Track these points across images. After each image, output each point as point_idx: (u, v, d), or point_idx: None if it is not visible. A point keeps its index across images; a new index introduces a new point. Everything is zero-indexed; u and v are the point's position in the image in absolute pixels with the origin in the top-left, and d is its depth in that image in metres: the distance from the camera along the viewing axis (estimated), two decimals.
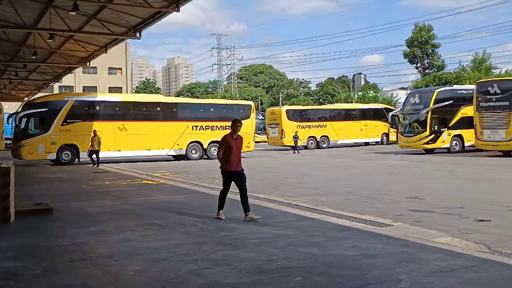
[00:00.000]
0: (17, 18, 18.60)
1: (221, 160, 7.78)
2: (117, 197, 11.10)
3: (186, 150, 24.79)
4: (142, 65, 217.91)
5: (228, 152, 7.73)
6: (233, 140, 7.82)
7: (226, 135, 7.93)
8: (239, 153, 7.89)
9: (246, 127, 25.37)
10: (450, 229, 7.06)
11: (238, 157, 7.84)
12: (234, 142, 7.81)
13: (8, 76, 34.53)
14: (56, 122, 21.99)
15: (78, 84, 63.32)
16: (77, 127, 22.28)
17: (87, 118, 22.82)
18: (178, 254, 5.62)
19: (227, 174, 7.83)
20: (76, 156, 22.28)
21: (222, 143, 7.83)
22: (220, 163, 7.82)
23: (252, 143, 26.60)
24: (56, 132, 21.91)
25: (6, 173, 7.86)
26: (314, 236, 6.50)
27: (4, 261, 5.47)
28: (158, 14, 17.63)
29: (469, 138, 25.47)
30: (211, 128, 25.38)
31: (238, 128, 7.87)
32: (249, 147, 25.57)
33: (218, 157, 7.84)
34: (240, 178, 7.77)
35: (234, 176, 7.79)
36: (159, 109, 25.01)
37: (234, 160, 7.76)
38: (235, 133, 7.87)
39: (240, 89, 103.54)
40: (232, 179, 7.82)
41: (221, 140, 7.89)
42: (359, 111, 39.70)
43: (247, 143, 25.28)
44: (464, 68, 56.72)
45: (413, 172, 16.97)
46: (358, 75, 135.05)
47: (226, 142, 7.77)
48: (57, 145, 21.78)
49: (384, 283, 4.50)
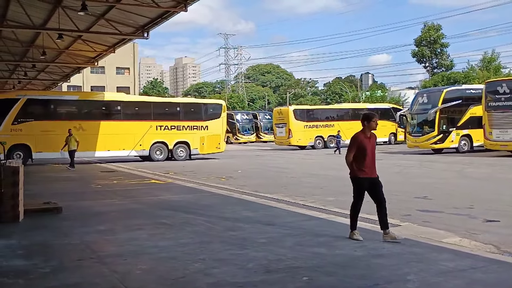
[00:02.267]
0: (26, 18, 18.75)
1: (351, 165, 6.29)
2: (125, 196, 11.15)
3: (150, 151, 23.56)
4: (149, 65, 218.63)
5: (361, 155, 6.19)
6: (366, 139, 6.25)
7: (357, 133, 6.33)
8: (374, 155, 6.32)
9: (216, 128, 24.97)
10: (458, 230, 7.02)
11: (373, 161, 6.29)
12: (368, 142, 6.25)
13: (17, 76, 34.82)
14: (6, 121, 20.74)
15: (86, 84, 63.62)
16: (29, 126, 21.04)
17: (40, 117, 21.62)
18: (185, 253, 5.63)
19: (360, 182, 6.25)
20: (29, 156, 20.92)
21: (352, 144, 6.26)
22: (350, 168, 6.34)
23: (223, 144, 25.57)
24: (6, 131, 20.43)
25: (15, 172, 7.92)
26: (322, 236, 6.49)
27: (14, 259, 5.51)
28: (166, 14, 17.68)
29: (478, 138, 25.30)
30: (177, 128, 24.26)
31: (373, 125, 6.26)
32: (219, 148, 25.03)
33: (348, 161, 6.32)
34: (377, 187, 6.23)
35: (369, 184, 6.23)
36: (120, 107, 23.86)
37: (369, 164, 6.21)
38: (369, 131, 6.28)
39: (247, 88, 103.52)
40: (365, 188, 6.26)
41: (351, 140, 6.33)
42: (366, 110, 39.55)
43: (217, 144, 24.87)
44: (473, 68, 56.45)
45: (421, 172, 16.90)
46: (366, 75, 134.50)
47: (358, 142, 6.22)
48: (7, 145, 19.37)
49: (392, 283, 4.49)
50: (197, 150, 24.49)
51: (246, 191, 11.42)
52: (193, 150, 24.34)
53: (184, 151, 24.22)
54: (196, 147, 24.41)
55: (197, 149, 24.46)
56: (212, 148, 24.86)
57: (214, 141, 24.85)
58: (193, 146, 24.31)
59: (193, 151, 24.34)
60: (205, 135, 24.59)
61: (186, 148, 24.26)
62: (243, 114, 52.91)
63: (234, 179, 14.97)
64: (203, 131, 24.65)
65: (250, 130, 50.77)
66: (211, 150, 24.93)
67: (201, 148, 24.56)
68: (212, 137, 24.73)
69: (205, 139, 24.55)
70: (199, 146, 24.44)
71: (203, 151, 24.73)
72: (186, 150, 24.25)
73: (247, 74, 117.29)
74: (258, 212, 8.46)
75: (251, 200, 10.00)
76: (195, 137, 24.38)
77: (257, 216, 8.08)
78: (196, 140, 24.39)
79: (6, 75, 35.35)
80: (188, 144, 24.25)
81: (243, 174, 16.97)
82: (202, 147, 24.55)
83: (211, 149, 24.89)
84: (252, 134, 50.71)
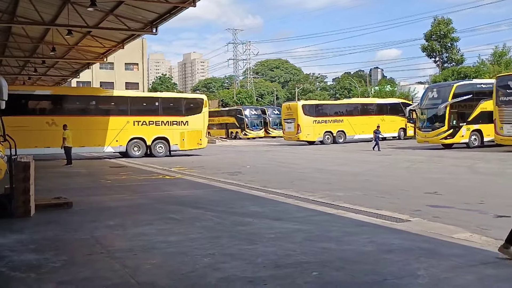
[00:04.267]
0: (35, 14, 18.86)
1: None
2: (134, 191, 11.21)
3: (127, 147, 23.03)
4: (158, 61, 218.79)
5: None
6: None
7: None
8: None
9: (197, 123, 24.30)
10: (469, 225, 6.96)
11: None
12: None
13: (27, 72, 35.12)
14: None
15: (95, 80, 63.93)
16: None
17: (8, 112, 21.05)
18: (195, 248, 5.65)
19: None
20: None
21: None
22: None
23: (204, 140, 24.99)
24: None
25: (26, 167, 8.00)
26: (331, 231, 6.47)
27: (26, 254, 5.56)
28: (174, 9, 17.69)
29: (488, 133, 25.10)
30: (155, 124, 23.61)
31: None
32: (200, 144, 24.55)
33: None
34: None
35: None
36: (95, 102, 23.48)
37: None
38: None
39: (255, 84, 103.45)
40: None
41: None
42: (376, 105, 39.42)
43: (198, 140, 24.24)
44: (483, 62, 55.98)
45: (431, 167, 16.79)
46: (375, 70, 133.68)
47: None
48: None
49: (401, 278, 4.47)
50: (177, 146, 24.01)
51: (255, 187, 11.41)
52: (172, 146, 23.86)
53: (164, 147, 23.74)
54: (176, 143, 23.92)
55: (177, 145, 23.98)
56: (193, 144, 24.34)
57: (195, 137, 24.33)
58: (173, 142, 23.83)
59: (173, 147, 23.87)
60: (185, 131, 24.06)
61: (166, 144, 23.76)
62: (252, 109, 52.94)
63: (242, 175, 14.99)
64: (183, 126, 24.08)
65: (259, 125, 50.78)
66: (192, 146, 24.41)
67: (181, 144, 24.05)
68: (192, 133, 24.23)
69: (185, 135, 24.04)
70: (179, 142, 23.94)
71: (183, 147, 24.21)
72: (165, 146, 23.76)
73: (256, 69, 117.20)
74: (267, 207, 8.46)
75: (260, 195, 10.00)
76: (174, 133, 23.86)
77: (266, 211, 8.09)
78: (176, 136, 23.88)
79: (17, 71, 35.64)
80: (168, 140, 23.76)
81: (251, 169, 16.98)
82: (183, 143, 24.03)
83: (192, 145, 24.36)
84: (261, 130, 50.72)
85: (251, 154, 26.21)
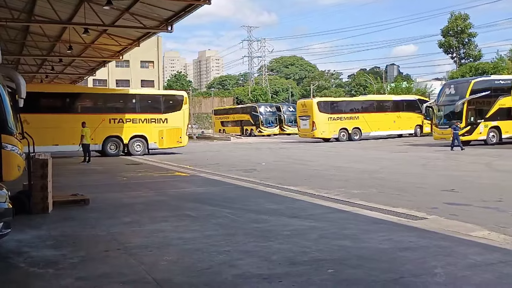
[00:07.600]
0: (53, 13, 19.07)
1: None
2: (150, 188, 11.29)
3: (103, 146, 22.30)
4: (173, 58, 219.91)
5: None
6: None
7: None
8: None
9: (177, 121, 23.71)
10: (487, 223, 6.87)
11: None
12: None
13: (44, 70, 35.56)
14: None
15: (111, 78, 64.56)
16: None
17: None
18: (210, 245, 5.67)
19: None
20: None
21: None
22: None
23: (185, 138, 24.22)
24: None
25: (43, 164, 8.11)
26: (347, 229, 6.45)
27: (44, 250, 5.65)
28: (189, 7, 17.72)
29: (507, 129, 24.75)
30: (132, 121, 22.94)
31: None
32: (180, 142, 23.90)
33: None
34: None
35: None
36: (68, 100, 22.78)
37: None
38: None
39: (270, 81, 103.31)
40: None
41: None
42: (392, 102, 39.04)
43: (178, 138, 23.65)
44: (502, 58, 55.16)
45: (448, 164, 16.61)
46: (391, 66, 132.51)
47: None
48: None
49: (418, 276, 4.43)
50: (156, 144, 23.45)
51: (270, 184, 11.41)
52: (151, 144, 23.29)
53: (141, 145, 23.17)
54: (155, 141, 23.36)
55: (156, 143, 23.42)
56: (172, 142, 23.74)
57: (175, 134, 23.77)
58: (151, 140, 23.26)
59: (151, 145, 23.31)
60: (164, 129, 23.47)
61: (144, 142, 23.20)
62: (267, 106, 52.82)
63: (258, 172, 15.00)
64: (162, 124, 23.49)
65: (274, 122, 50.66)
66: (172, 145, 23.84)
67: (160, 143, 23.46)
68: (172, 131, 23.61)
69: (164, 133, 23.45)
70: (157, 140, 23.37)
71: (162, 146, 23.60)
72: (143, 144, 23.20)
73: (271, 66, 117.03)
74: (282, 205, 8.46)
75: (275, 193, 10.00)
76: (153, 130, 23.29)
77: (281, 209, 8.08)
78: (154, 134, 23.30)
79: (34, 70, 36.11)
80: (146, 138, 23.20)
81: (266, 166, 16.97)
82: (161, 141, 23.45)
83: (172, 144, 23.78)
84: (276, 127, 50.60)
85: (266, 151, 26.19)
